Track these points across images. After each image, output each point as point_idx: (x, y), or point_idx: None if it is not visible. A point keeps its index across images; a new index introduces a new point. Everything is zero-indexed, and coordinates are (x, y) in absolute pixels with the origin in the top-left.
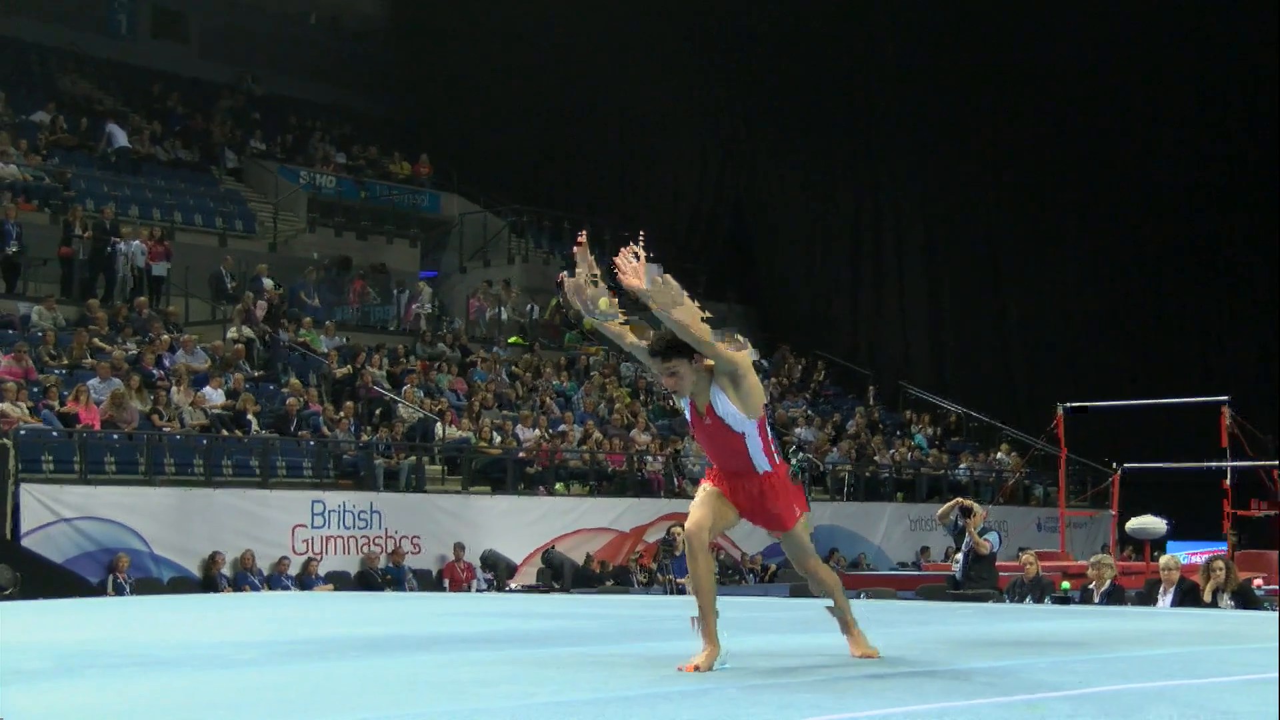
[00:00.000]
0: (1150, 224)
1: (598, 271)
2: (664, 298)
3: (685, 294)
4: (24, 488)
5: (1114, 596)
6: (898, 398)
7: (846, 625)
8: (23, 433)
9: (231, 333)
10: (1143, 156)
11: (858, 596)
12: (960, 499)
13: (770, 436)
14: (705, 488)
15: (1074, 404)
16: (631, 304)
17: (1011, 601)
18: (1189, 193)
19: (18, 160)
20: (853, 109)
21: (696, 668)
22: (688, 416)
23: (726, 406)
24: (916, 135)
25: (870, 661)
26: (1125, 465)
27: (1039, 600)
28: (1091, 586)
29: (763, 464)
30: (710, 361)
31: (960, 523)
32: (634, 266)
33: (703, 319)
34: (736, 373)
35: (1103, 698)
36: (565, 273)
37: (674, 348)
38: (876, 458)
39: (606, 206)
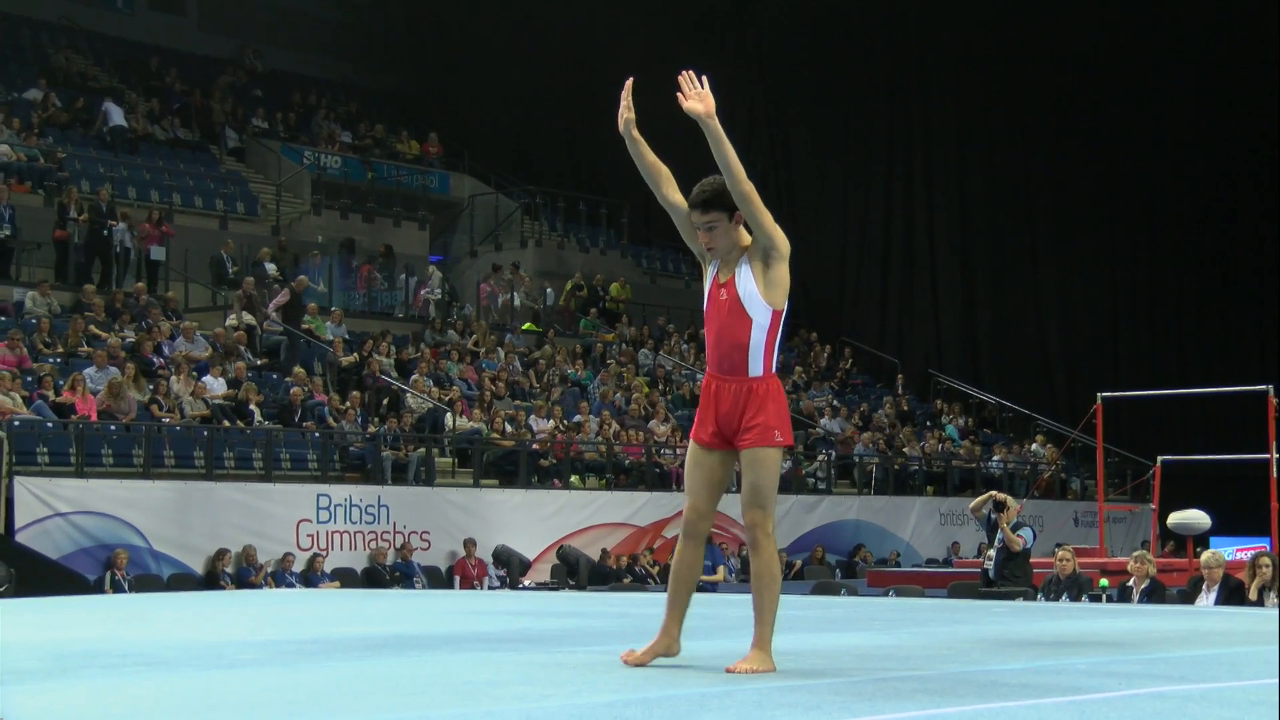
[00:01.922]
0: (1192, 209)
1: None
2: (721, 134)
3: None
4: (18, 481)
5: (1154, 594)
6: (928, 387)
7: (760, 630)
8: (16, 424)
9: (231, 319)
10: (1184, 141)
11: (886, 594)
12: (994, 492)
13: (777, 340)
14: (689, 453)
15: (1113, 393)
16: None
17: (1047, 600)
18: (1232, 177)
19: (10, 140)
20: (883, 89)
21: (641, 659)
22: (706, 288)
23: (749, 285)
24: (950, 117)
25: (898, 662)
26: (1165, 458)
27: (1076, 598)
28: (1131, 584)
29: (757, 367)
30: (746, 239)
31: (993, 517)
32: (699, 92)
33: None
34: (772, 252)
35: (1144, 700)
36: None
37: (718, 198)
38: (906, 449)
39: (624, 187)
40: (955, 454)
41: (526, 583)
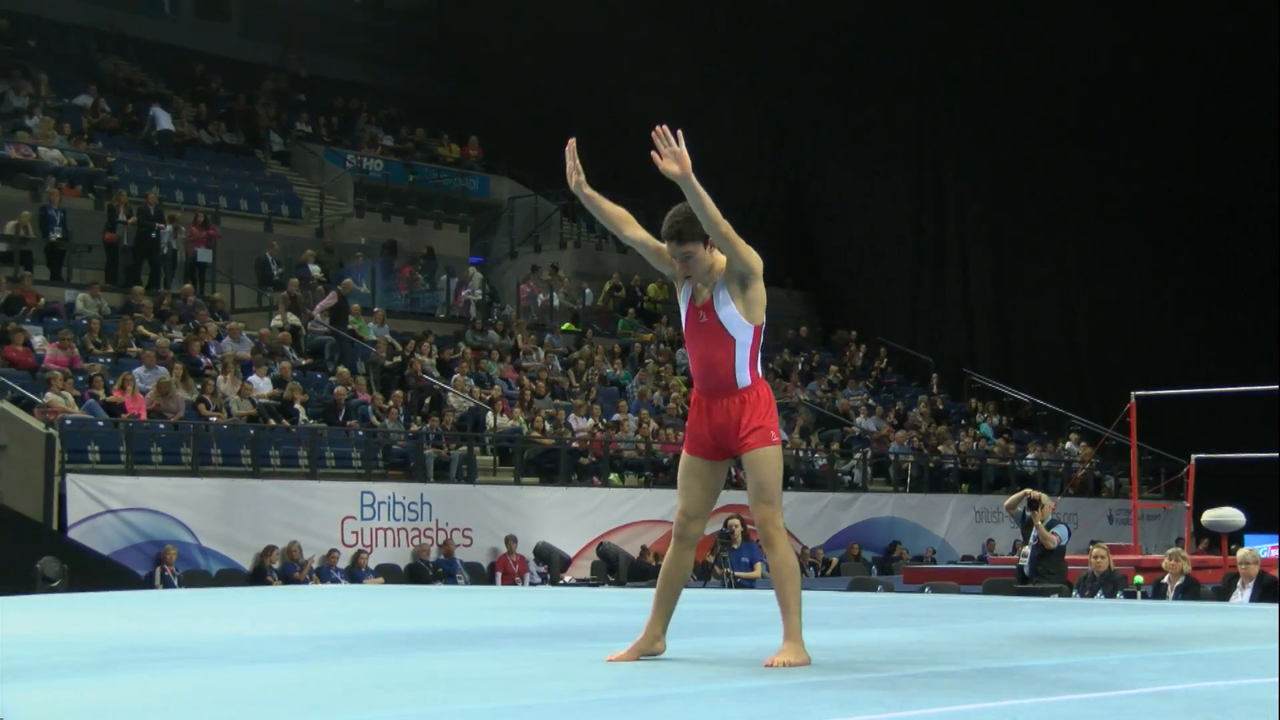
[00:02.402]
0: (1224, 205)
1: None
2: (699, 190)
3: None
4: (69, 478)
5: (1189, 591)
6: (962, 386)
7: (789, 623)
8: (68, 422)
9: (276, 320)
10: (1215, 138)
11: (921, 590)
12: (1028, 490)
13: (760, 346)
14: (682, 463)
15: (1146, 392)
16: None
17: (1082, 596)
18: (1265, 175)
19: (61, 145)
20: (912, 89)
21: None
22: (683, 311)
23: (729, 309)
24: (979, 115)
25: (933, 658)
26: (1199, 455)
27: (1111, 595)
28: (1166, 581)
29: (744, 378)
30: (720, 260)
31: (1028, 515)
32: (673, 150)
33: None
34: (748, 276)
35: (1178, 696)
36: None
37: (690, 228)
38: (941, 447)
39: (659, 190)
40: (990, 452)
41: (567, 579)
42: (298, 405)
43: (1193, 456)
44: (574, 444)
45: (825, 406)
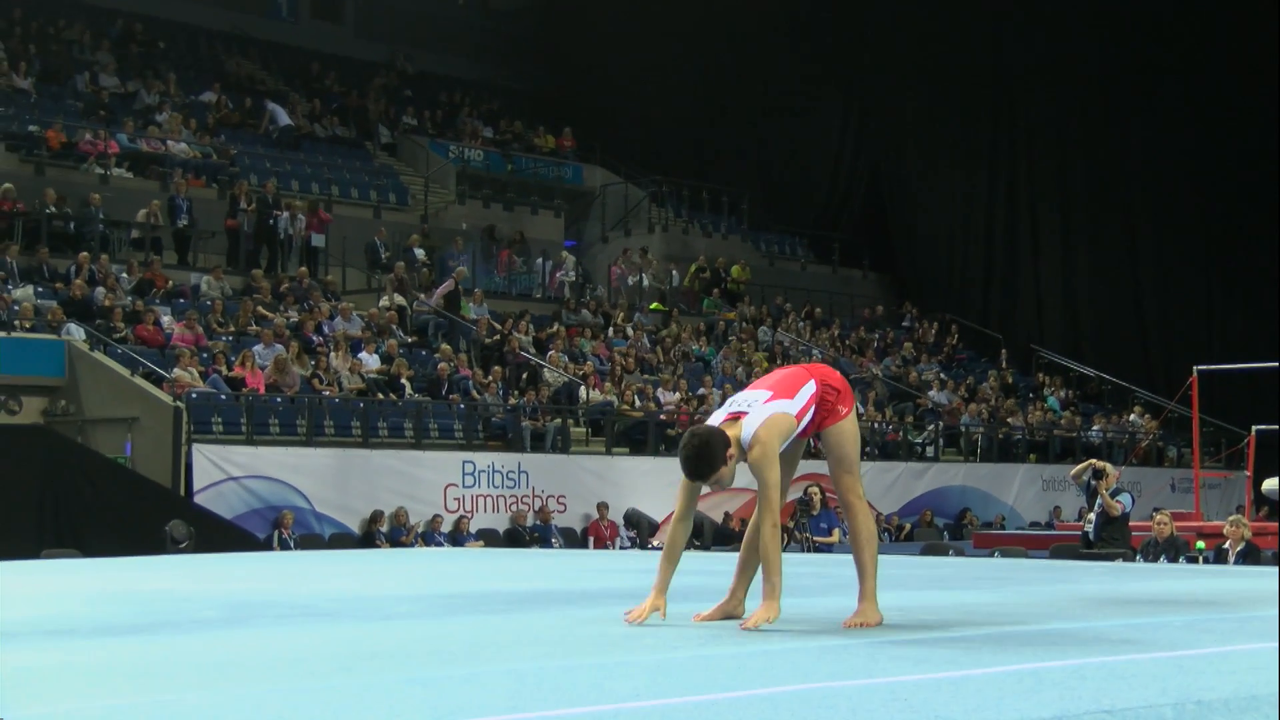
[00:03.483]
0: None
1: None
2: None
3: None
4: (195, 448)
5: (1249, 556)
6: (1030, 361)
7: (865, 585)
8: (194, 396)
9: (384, 301)
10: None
11: (991, 554)
12: (1094, 460)
13: (810, 398)
14: None
15: (1208, 366)
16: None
17: (1145, 561)
18: None
19: (188, 139)
20: (990, 71)
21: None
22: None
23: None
24: (1054, 95)
25: (1003, 618)
26: (1259, 427)
27: (1173, 560)
28: (1226, 547)
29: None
30: (734, 456)
31: (1093, 484)
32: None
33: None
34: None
35: (1239, 656)
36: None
37: (704, 467)
38: (1010, 420)
39: (744, 175)
40: (1056, 424)
41: (655, 543)
42: (404, 380)
43: (1253, 428)
44: (662, 416)
45: (899, 381)
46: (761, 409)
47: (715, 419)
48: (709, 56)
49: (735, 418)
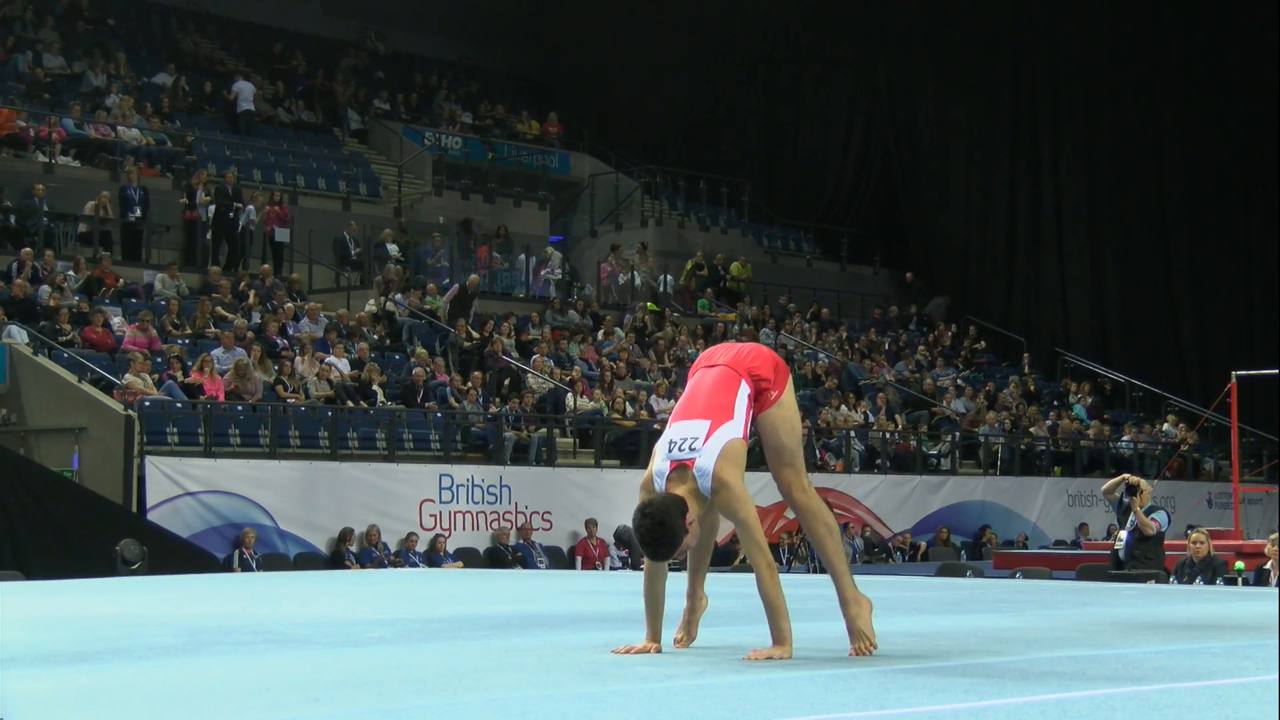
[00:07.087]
0: None
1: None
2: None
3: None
4: (149, 460)
5: None
6: (1055, 366)
7: (841, 594)
8: (147, 404)
9: (371, 305)
10: None
11: (1012, 576)
12: (1127, 475)
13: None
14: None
15: (1248, 372)
16: None
17: (1180, 583)
18: None
19: (140, 124)
20: (1011, 64)
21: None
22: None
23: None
24: (1078, 96)
25: (1026, 645)
26: None
27: (1210, 581)
28: (1268, 567)
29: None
30: (698, 500)
31: (1126, 501)
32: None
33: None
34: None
35: None
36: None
37: (664, 550)
38: (1033, 429)
39: (745, 164)
40: (1083, 434)
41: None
42: (376, 387)
43: None
44: (655, 426)
45: (913, 387)
46: (707, 447)
47: (658, 464)
48: (707, 35)
49: (681, 465)
